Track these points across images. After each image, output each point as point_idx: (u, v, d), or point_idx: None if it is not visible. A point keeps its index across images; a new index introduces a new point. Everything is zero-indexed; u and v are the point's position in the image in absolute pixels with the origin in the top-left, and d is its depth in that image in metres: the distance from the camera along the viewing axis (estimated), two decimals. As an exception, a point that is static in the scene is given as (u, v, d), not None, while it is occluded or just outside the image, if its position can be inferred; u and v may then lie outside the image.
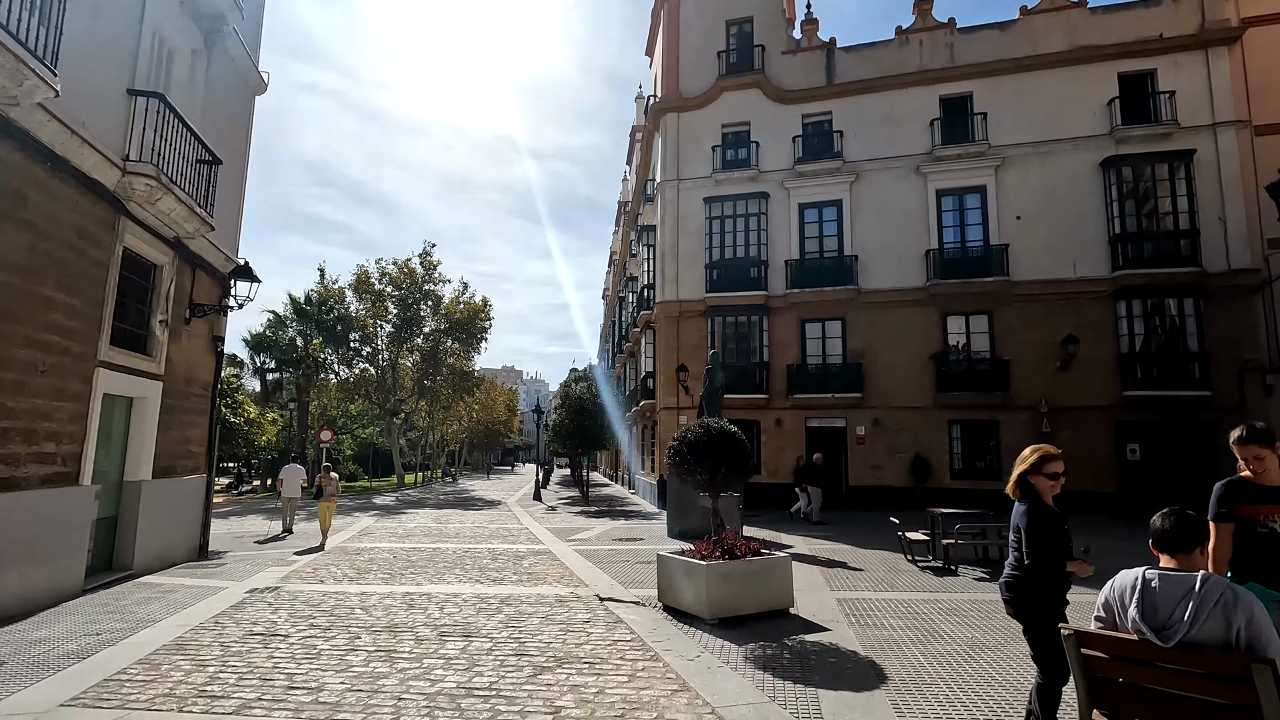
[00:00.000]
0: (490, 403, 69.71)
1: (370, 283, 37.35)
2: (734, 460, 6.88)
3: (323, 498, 14.68)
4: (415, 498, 30.09)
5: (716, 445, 6.88)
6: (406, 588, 8.66)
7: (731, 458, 6.88)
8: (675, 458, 7.21)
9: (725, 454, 6.87)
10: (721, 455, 6.86)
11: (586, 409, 25.84)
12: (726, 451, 6.87)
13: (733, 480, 7.02)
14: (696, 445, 6.97)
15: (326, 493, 14.70)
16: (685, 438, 7.17)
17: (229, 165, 11.52)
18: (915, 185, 22.09)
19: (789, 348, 22.58)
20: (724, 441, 6.93)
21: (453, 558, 11.47)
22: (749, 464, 7.12)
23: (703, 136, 24.39)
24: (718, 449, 6.87)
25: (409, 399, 39.35)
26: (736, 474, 6.96)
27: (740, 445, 7.04)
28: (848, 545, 12.39)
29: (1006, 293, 20.66)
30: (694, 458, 6.95)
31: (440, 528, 16.87)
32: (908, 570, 9.43)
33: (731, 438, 7.02)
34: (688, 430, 7.29)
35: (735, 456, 6.91)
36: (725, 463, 6.85)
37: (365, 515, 20.64)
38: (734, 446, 6.94)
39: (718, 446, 6.88)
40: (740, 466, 6.96)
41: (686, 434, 7.23)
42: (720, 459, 6.85)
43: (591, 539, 14.21)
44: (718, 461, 6.83)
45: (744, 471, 7.07)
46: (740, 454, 6.98)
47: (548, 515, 20.72)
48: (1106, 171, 20.34)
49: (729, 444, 6.94)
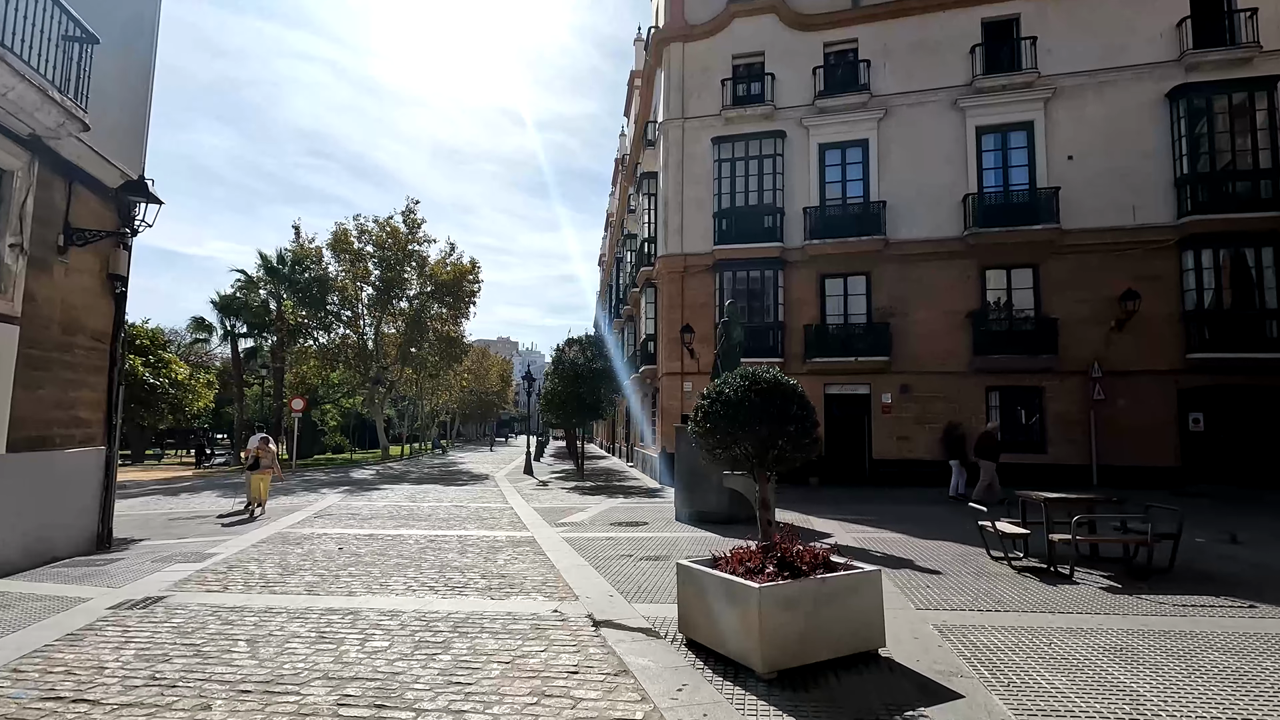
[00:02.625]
0: (483, 372, 67.48)
1: (349, 241, 34.72)
2: (796, 427, 4.62)
3: (257, 470, 12.68)
4: (397, 471, 27.92)
5: (770, 405, 4.61)
6: (332, 601, 6.40)
7: (793, 423, 4.60)
8: (706, 423, 4.94)
9: (783, 417, 4.60)
10: (778, 419, 4.58)
11: (581, 375, 23.54)
12: (785, 414, 4.61)
13: (793, 455, 4.76)
14: (739, 406, 4.69)
15: (262, 465, 12.77)
16: (722, 394, 4.88)
17: (117, 50, 8.98)
18: (952, 122, 19.51)
19: (807, 306, 20.22)
20: (781, 400, 4.66)
21: (413, 550, 9.23)
22: (815, 432, 4.85)
23: (711, 69, 21.68)
24: (772, 410, 4.61)
25: (392, 366, 36.96)
26: (799, 446, 4.72)
27: (804, 406, 4.79)
28: (898, 534, 10.18)
29: (1055, 242, 18.26)
30: (735, 423, 4.68)
31: (413, 507, 14.65)
32: (1001, 573, 7.19)
33: (792, 394, 4.77)
34: (724, 384, 4.99)
35: (798, 422, 4.64)
36: (783, 430, 4.57)
37: (334, 492, 18.43)
38: (796, 407, 4.69)
39: (772, 407, 4.61)
40: (804, 436, 4.72)
41: (723, 389, 4.93)
42: (776, 425, 4.57)
43: (585, 523, 12.00)
44: (773, 428, 4.54)
45: (809, 443, 4.81)
46: (805, 418, 4.72)
47: (538, 492, 18.53)
48: (1174, 103, 17.80)
49: (788, 403, 4.68)
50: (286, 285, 32.36)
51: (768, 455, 4.72)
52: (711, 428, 4.87)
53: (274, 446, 14.27)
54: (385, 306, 35.46)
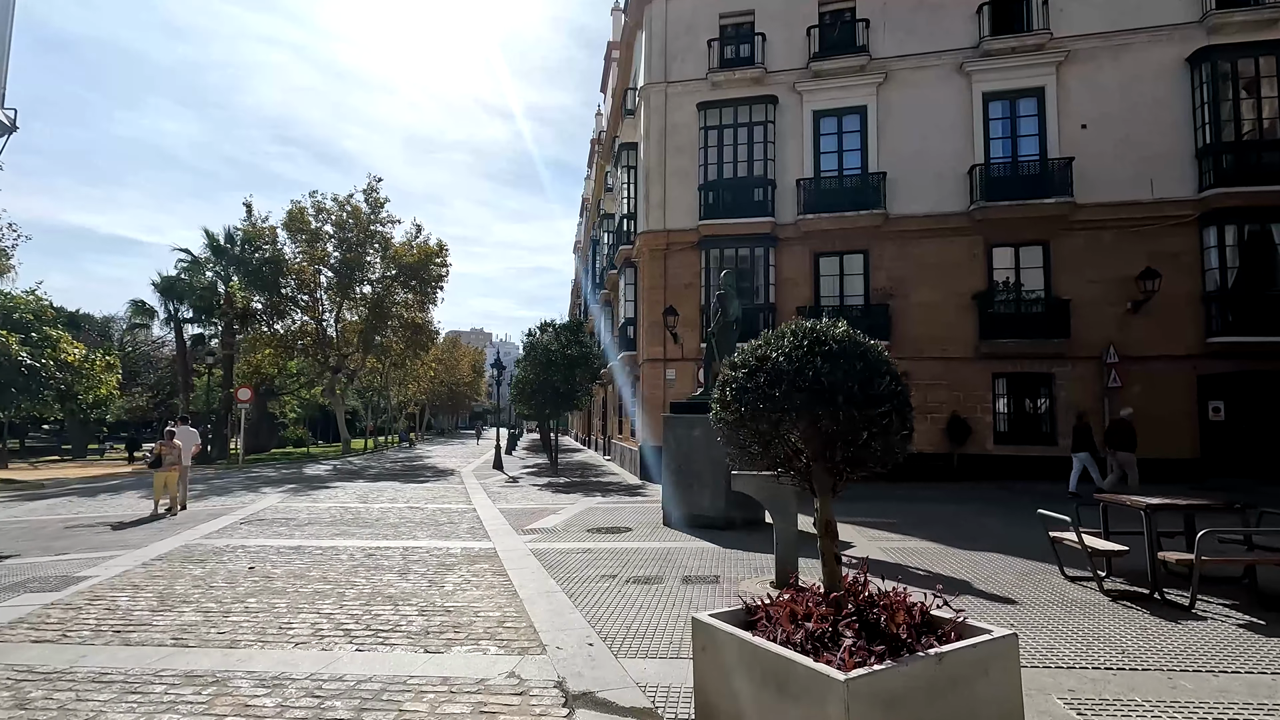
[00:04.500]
0: (454, 363, 65.11)
1: (306, 221, 32.30)
2: (889, 411, 2.97)
3: (161, 467, 10.97)
4: (356, 466, 25.88)
5: (846, 376, 2.94)
6: (198, 658, 4.61)
7: (882, 403, 2.96)
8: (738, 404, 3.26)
9: (866, 395, 2.95)
10: (859, 398, 2.92)
11: (555, 362, 21.73)
12: (869, 390, 2.96)
13: (881, 456, 3.12)
14: (796, 377, 3.00)
15: (166, 462, 11.08)
16: (766, 360, 3.20)
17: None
18: (957, 87, 18.04)
19: (800, 286, 18.67)
20: (864, 368, 3.02)
21: (342, 570, 7.43)
22: (912, 420, 3.20)
23: (697, 29, 19.93)
24: (849, 384, 2.94)
25: (354, 355, 34.71)
26: (891, 441, 3.10)
27: (896, 378, 3.14)
28: (929, 541, 8.63)
29: (1067, 217, 16.91)
30: (787, 404, 3.01)
31: (360, 510, 12.79)
32: (1093, 601, 5.62)
33: (879, 361, 3.14)
34: (768, 344, 3.30)
35: (890, 402, 3.00)
36: (867, 416, 2.93)
37: (276, 491, 16.45)
38: (887, 379, 3.04)
39: (849, 379, 2.94)
40: (902, 425, 3.09)
41: (767, 351, 3.25)
42: (855, 407, 2.91)
43: (558, 529, 10.28)
44: (852, 413, 2.88)
45: (905, 437, 3.17)
46: (900, 397, 3.07)
47: (506, 490, 16.76)
48: (1195, 68, 16.52)
49: (874, 373, 3.04)
50: (236, 266, 29.92)
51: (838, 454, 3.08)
52: (747, 412, 3.19)
53: (179, 442, 12.38)
54: (346, 291, 33.17)
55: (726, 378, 3.36)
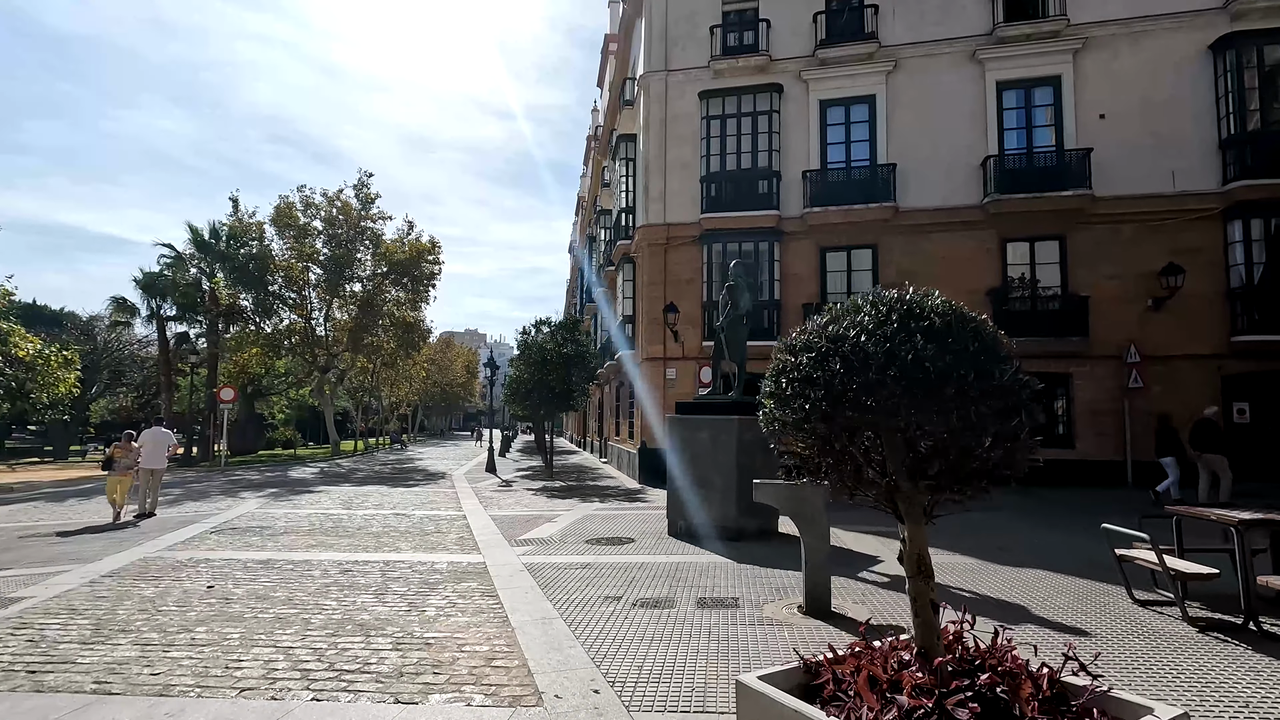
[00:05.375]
0: (447, 363, 64.16)
1: (294, 216, 31.43)
2: (1017, 408, 2.22)
3: (113, 470, 10.29)
4: (344, 469, 25.00)
5: (955, 362, 2.19)
6: (114, 712, 3.79)
7: (1002, 397, 2.20)
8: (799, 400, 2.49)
9: (983, 389, 2.20)
10: (973, 393, 2.17)
11: (550, 361, 20.91)
12: (986, 383, 2.21)
13: (1003, 470, 2.37)
14: (887, 362, 2.25)
15: (120, 465, 10.41)
16: (843, 340, 2.44)
17: None
18: (970, 76, 17.34)
19: (806, 282, 17.94)
20: (979, 350, 2.28)
21: (312, 589, 6.62)
22: (1040, 420, 2.46)
23: (699, 16, 19.18)
24: (959, 373, 2.18)
25: (343, 354, 33.80)
26: (1016, 449, 2.33)
27: (1017, 367, 2.38)
28: (963, 555, 7.88)
29: (1085, 211, 16.23)
30: (886, 400, 2.24)
31: (343, 517, 11.96)
32: (1180, 634, 4.86)
33: (993, 343, 2.41)
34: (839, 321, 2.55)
35: (1010, 397, 2.25)
36: (985, 417, 2.17)
37: (256, 496, 15.59)
38: (1011, 367, 2.28)
39: (959, 365, 2.19)
40: (1032, 423, 2.33)
41: (844, 330, 2.49)
42: (969, 403, 2.15)
43: (554, 539, 9.48)
44: (967, 411, 2.12)
45: (1031, 444, 2.41)
46: (1023, 391, 2.32)
47: (499, 495, 15.94)
48: (1219, 56, 15.87)
49: (990, 359, 2.28)
50: (221, 262, 28.97)
51: (937, 465, 2.32)
52: (814, 410, 2.42)
53: (136, 444, 11.66)
54: (335, 288, 32.29)
55: (782, 365, 2.61)
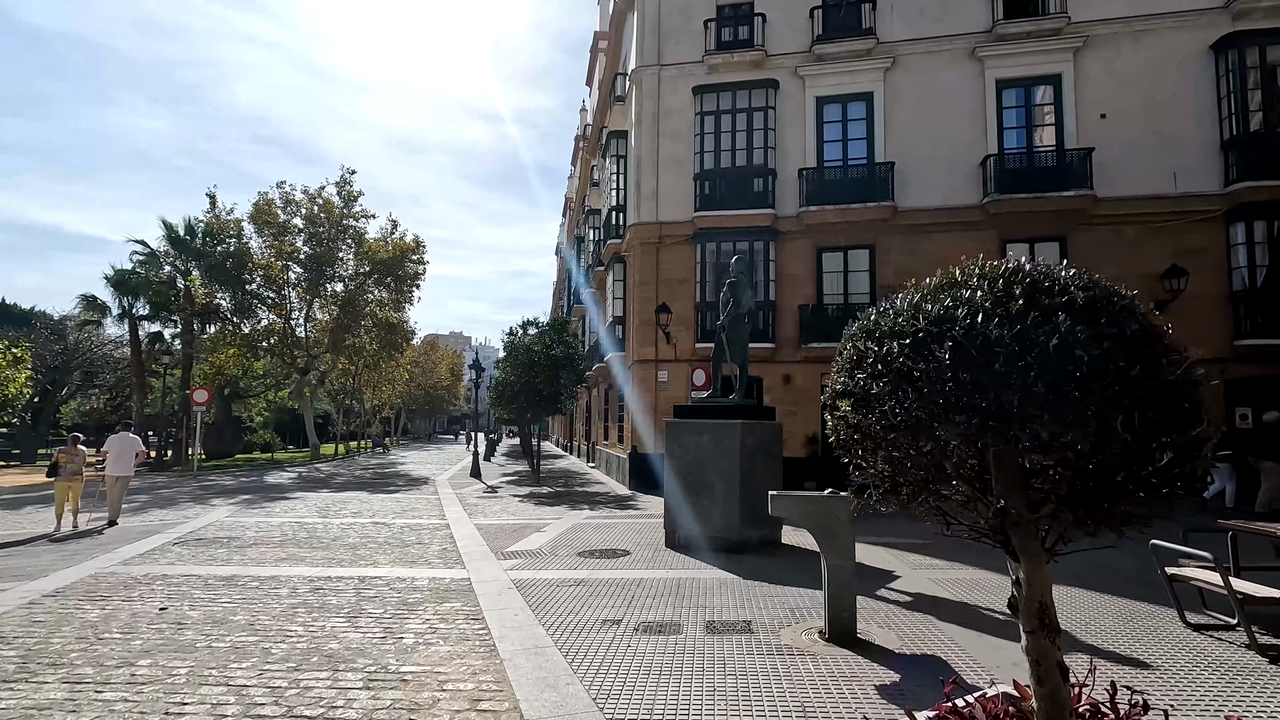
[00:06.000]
0: (431, 365, 63.19)
1: (273, 213, 30.52)
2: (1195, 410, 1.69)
3: (59, 476, 10.48)
4: (323, 474, 24.18)
5: (1118, 347, 1.66)
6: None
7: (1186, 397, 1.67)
8: (892, 400, 1.94)
9: (1159, 388, 1.66)
10: (1149, 393, 1.63)
11: (538, 363, 20.28)
12: (1159, 378, 1.66)
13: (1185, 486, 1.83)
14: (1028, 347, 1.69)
15: (67, 471, 9.97)
16: (955, 324, 1.87)
17: None
18: (970, 74, 17.00)
19: (802, 283, 17.49)
20: (1139, 333, 1.72)
21: (277, 610, 5.98)
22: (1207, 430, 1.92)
23: (692, 9, 18.71)
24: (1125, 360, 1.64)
25: (324, 355, 32.90)
26: (1184, 459, 1.79)
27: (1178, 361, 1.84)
28: (987, 571, 7.38)
29: (1086, 212, 15.92)
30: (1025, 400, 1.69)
31: (318, 527, 11.26)
32: (1251, 665, 4.36)
33: (1154, 334, 1.84)
34: (938, 299, 1.99)
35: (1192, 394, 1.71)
36: (1165, 420, 1.63)
37: (228, 503, 14.81)
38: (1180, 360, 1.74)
39: (1121, 350, 1.65)
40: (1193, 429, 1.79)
41: (953, 306, 1.92)
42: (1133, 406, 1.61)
43: (544, 551, 8.87)
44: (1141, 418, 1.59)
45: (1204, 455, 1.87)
46: (1198, 387, 1.79)
47: (484, 501, 15.28)
48: (1220, 55, 15.65)
49: (1156, 345, 1.73)
50: (197, 260, 28.02)
51: (1069, 489, 1.78)
52: (916, 412, 1.86)
53: (83, 448, 11.07)
54: (316, 288, 31.41)
55: (860, 354, 2.05)
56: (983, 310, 1.82)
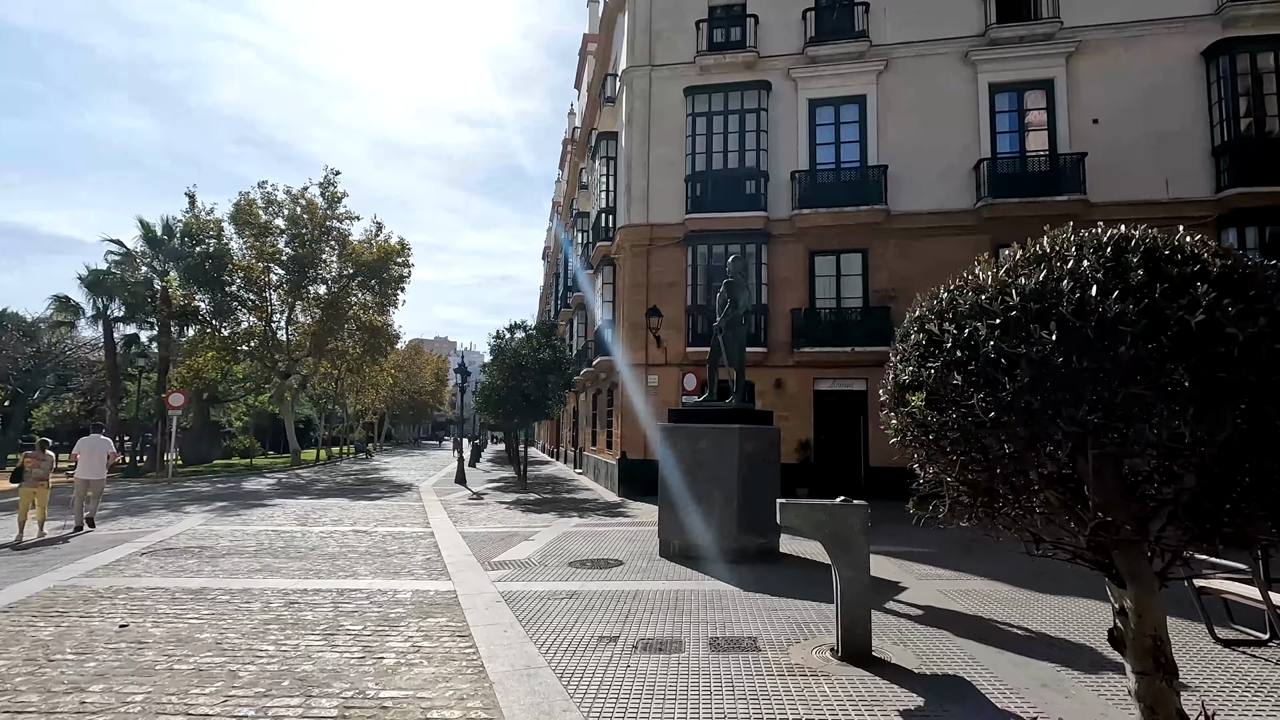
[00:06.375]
0: (415, 370, 62.39)
1: (255, 214, 29.90)
2: None
3: (24, 482, 10.04)
4: (303, 480, 23.57)
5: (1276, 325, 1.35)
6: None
7: None
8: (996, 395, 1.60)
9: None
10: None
11: (526, 367, 19.89)
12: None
13: None
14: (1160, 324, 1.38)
15: (32, 476, 9.82)
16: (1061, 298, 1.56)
17: None
18: (963, 77, 16.91)
19: (794, 286, 17.28)
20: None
21: (247, 629, 5.57)
22: None
23: (684, 9, 18.50)
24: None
25: (306, 359, 32.24)
26: None
27: None
28: (995, 581, 7.12)
29: (1080, 216, 15.45)
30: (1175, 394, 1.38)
31: (296, 535, 10.80)
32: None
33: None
34: (1031, 271, 1.70)
35: None
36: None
37: (202, 510, 14.27)
38: None
39: None
40: None
41: (1053, 280, 1.62)
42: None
43: (533, 562, 8.50)
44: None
45: None
46: None
47: (470, 509, 14.86)
48: (1211, 62, 15.66)
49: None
50: (175, 261, 27.34)
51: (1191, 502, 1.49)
52: (1014, 408, 1.56)
53: (51, 453, 10.64)
54: (298, 290, 30.78)
55: (931, 337, 1.75)
56: (1095, 282, 1.53)
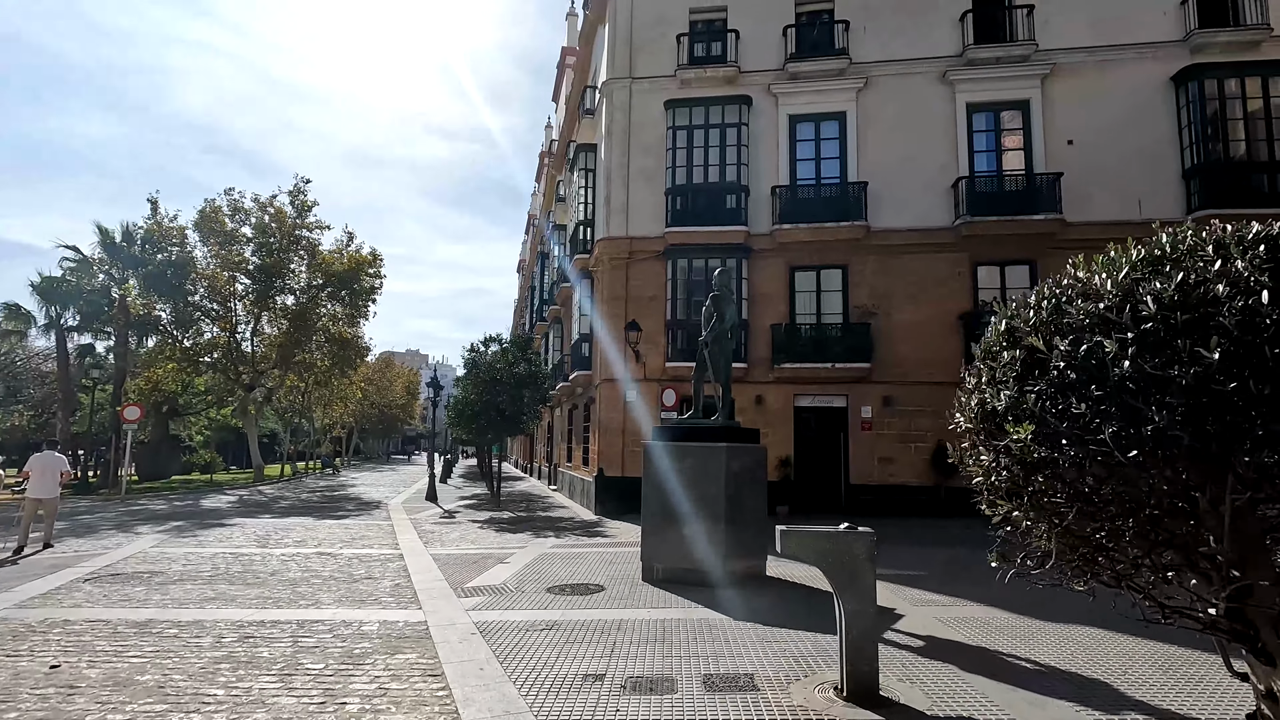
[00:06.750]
0: (386, 383, 61.15)
1: (221, 221, 29.05)
2: None
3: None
4: (266, 498, 22.67)
5: None
6: None
7: None
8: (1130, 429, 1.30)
9: None
10: None
11: (500, 381, 19.39)
12: None
13: None
14: None
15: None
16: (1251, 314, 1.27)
17: None
18: (941, 96, 17.05)
19: (775, 302, 17.14)
20: None
21: (193, 671, 5.07)
22: None
23: (665, 23, 18.42)
24: None
25: (271, 371, 31.26)
26: None
27: None
28: (995, 608, 6.88)
29: (1056, 236, 15.98)
30: None
31: (255, 558, 10.19)
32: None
33: None
34: (1174, 265, 1.41)
35: None
36: None
37: (156, 530, 13.50)
38: None
39: None
40: None
41: (1204, 277, 1.34)
42: None
43: (510, 587, 8.06)
44: None
45: None
46: None
47: (442, 528, 14.30)
48: (1180, 87, 16.00)
49: None
50: (134, 268, 26.33)
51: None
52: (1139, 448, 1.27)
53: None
54: (265, 300, 29.89)
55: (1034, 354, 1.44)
56: (1263, 287, 1.26)
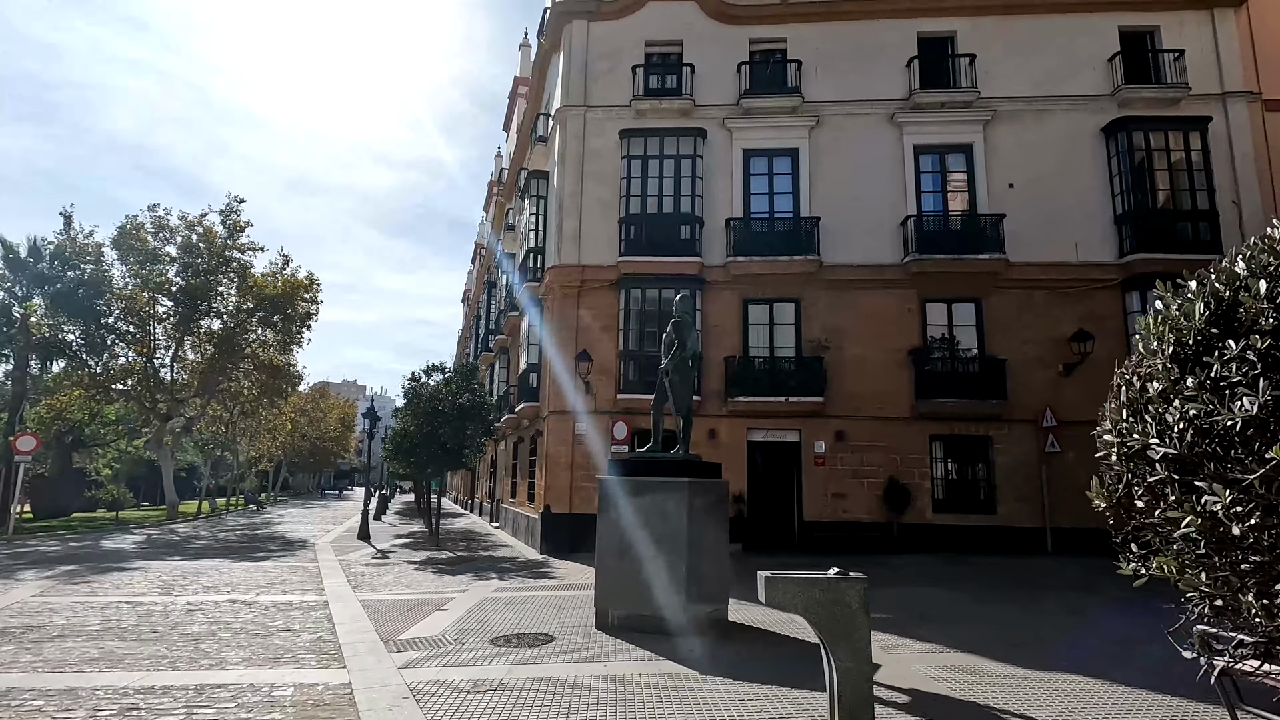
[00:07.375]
0: (319, 414, 58.40)
1: (142, 238, 27.25)
2: None
3: None
4: (179, 537, 20.80)
5: None
6: None
7: None
8: None
9: None
10: None
11: (443, 412, 18.43)
12: None
13: None
14: None
15: None
16: None
17: None
18: (889, 137, 17.44)
19: (728, 334, 16.93)
20: None
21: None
22: None
23: (621, 54, 18.38)
24: None
25: (191, 400, 29.20)
26: None
27: None
28: (976, 656, 6.51)
29: (999, 275, 16.38)
30: None
31: (156, 608, 9.01)
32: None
33: None
34: None
35: None
36: None
37: (40, 577, 11.96)
38: None
39: None
40: None
41: None
42: None
43: (449, 639, 7.26)
44: None
45: None
46: None
47: (374, 570, 13.21)
48: (1110, 137, 16.82)
49: None
50: (40, 286, 24.29)
51: None
52: None
53: None
54: (188, 324, 28.02)
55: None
56: None
